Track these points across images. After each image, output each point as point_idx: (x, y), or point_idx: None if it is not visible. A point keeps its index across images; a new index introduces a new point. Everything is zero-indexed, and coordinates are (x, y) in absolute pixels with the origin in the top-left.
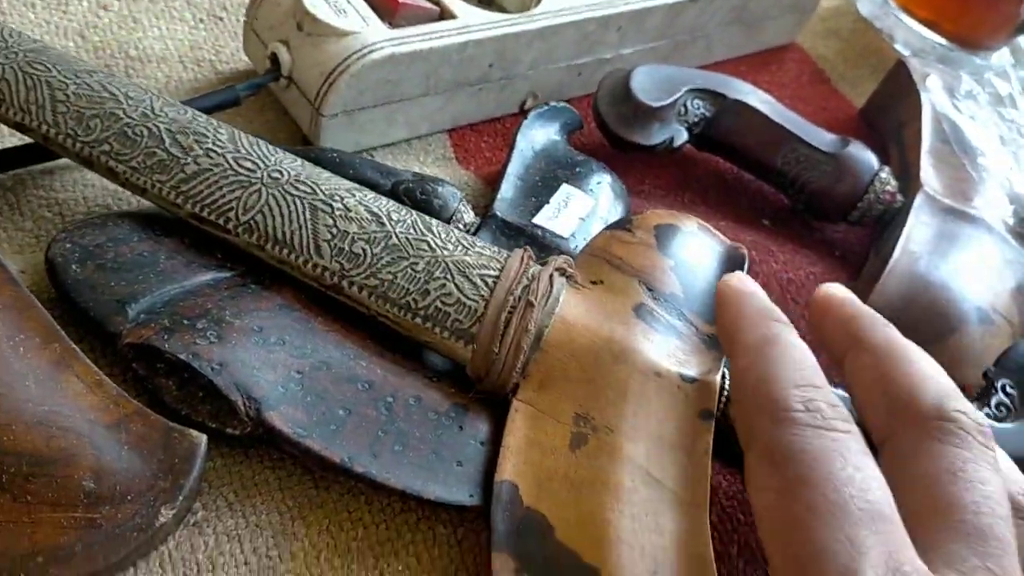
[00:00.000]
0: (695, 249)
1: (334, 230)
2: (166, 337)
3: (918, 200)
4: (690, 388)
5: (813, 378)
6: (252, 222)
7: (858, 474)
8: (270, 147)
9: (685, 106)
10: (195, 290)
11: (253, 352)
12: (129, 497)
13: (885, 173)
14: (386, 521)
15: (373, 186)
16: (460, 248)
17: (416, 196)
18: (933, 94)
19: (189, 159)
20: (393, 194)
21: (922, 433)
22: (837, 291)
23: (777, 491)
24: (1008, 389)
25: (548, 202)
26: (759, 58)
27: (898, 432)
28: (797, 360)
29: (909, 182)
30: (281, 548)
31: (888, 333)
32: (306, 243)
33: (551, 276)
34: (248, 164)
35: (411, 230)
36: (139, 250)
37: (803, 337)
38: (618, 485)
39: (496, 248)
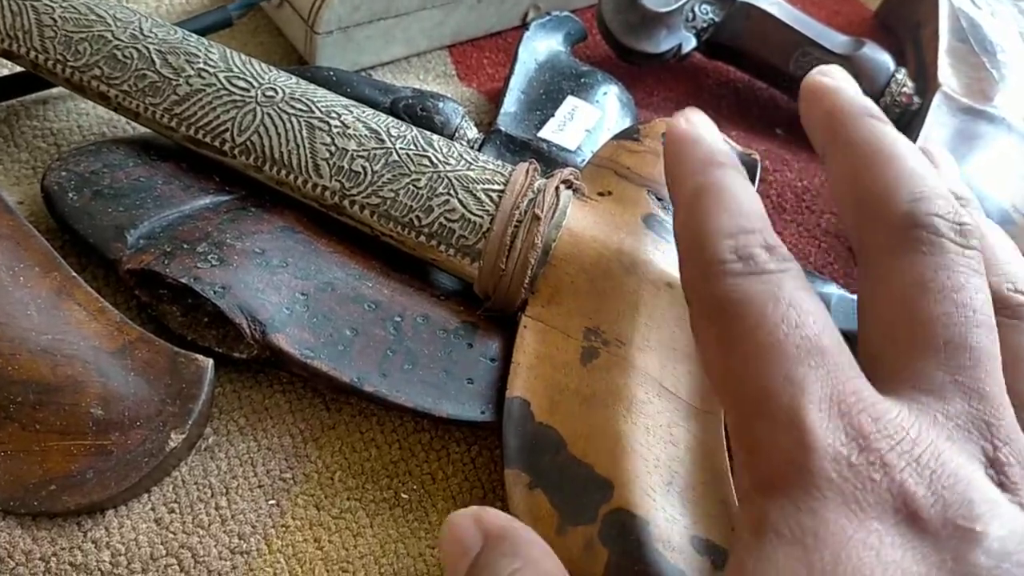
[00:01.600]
0: None
1: (332, 148)
2: (167, 262)
3: (936, 100)
4: None
5: (745, 223)
6: (248, 143)
7: (792, 311)
8: (263, 65)
9: (693, 11)
10: (194, 214)
11: (256, 274)
12: (138, 423)
13: (901, 74)
14: (399, 441)
15: (372, 104)
16: (463, 163)
17: (416, 113)
18: None
19: (181, 80)
20: (392, 111)
21: (892, 243)
22: (824, 79)
23: (716, 344)
24: None
25: (553, 115)
26: None
27: (868, 243)
28: (729, 205)
29: (926, 83)
30: (295, 470)
31: (871, 127)
32: (304, 162)
33: (557, 188)
34: (241, 83)
35: (412, 146)
36: (135, 175)
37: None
38: (631, 398)
39: (500, 162)
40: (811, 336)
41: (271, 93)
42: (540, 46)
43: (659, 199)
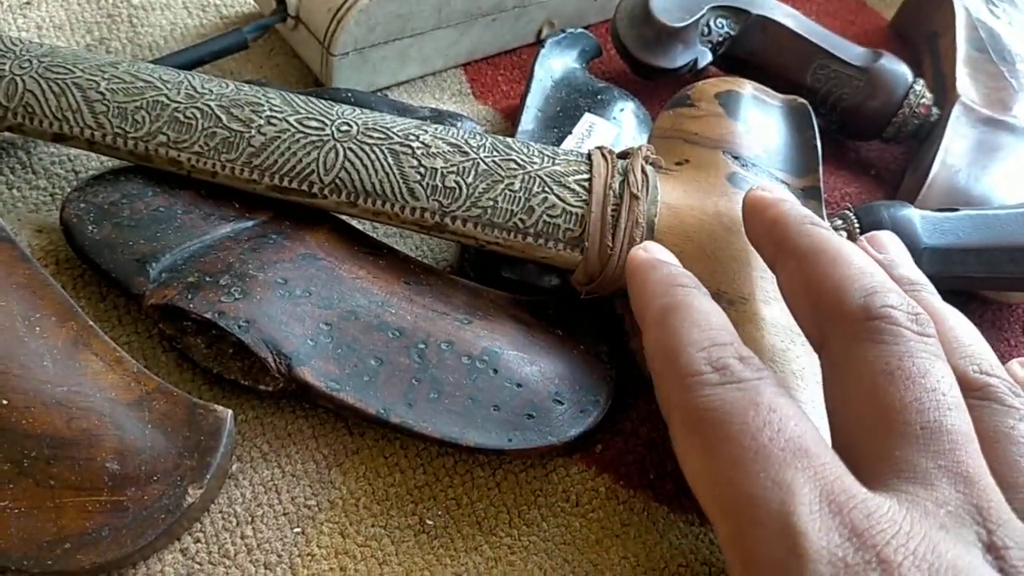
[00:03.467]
0: (761, 110)
1: (422, 170)
2: (190, 296)
3: (955, 112)
4: None
5: (717, 336)
6: (337, 181)
7: (773, 416)
8: (323, 101)
9: (708, 25)
10: (216, 244)
11: (279, 306)
12: (155, 477)
13: (920, 86)
14: (423, 466)
15: None
16: (546, 159)
17: None
18: (967, 1)
19: (252, 131)
20: None
21: (852, 337)
22: (764, 193)
23: (700, 454)
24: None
25: (571, 132)
26: None
27: (829, 339)
28: (698, 322)
29: (945, 94)
30: (319, 497)
31: (812, 234)
32: (398, 189)
33: (642, 167)
34: (313, 123)
35: (494, 152)
36: (155, 205)
37: None
38: (772, 348)
39: (574, 151)
40: (795, 438)
41: (345, 128)
42: (555, 64)
43: (736, 157)
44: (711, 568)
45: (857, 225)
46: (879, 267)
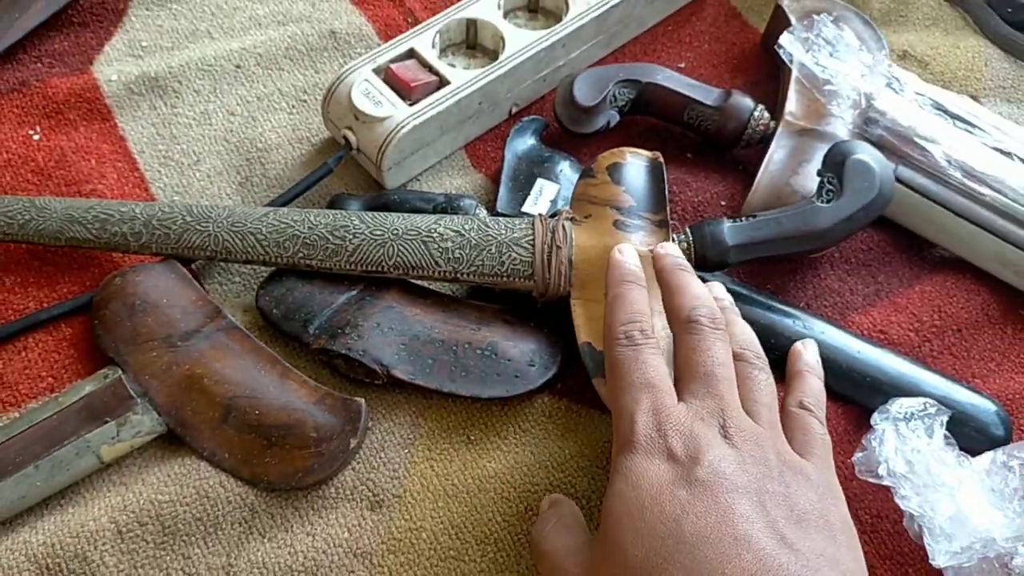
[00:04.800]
0: (634, 171)
1: (440, 250)
2: (333, 342)
3: (779, 129)
4: None
5: (634, 316)
6: (396, 262)
7: (643, 364)
8: (376, 215)
9: (615, 95)
10: (339, 308)
11: (379, 339)
12: (333, 437)
13: (759, 111)
14: (464, 411)
15: (420, 210)
16: (508, 230)
17: (447, 210)
18: (791, 43)
19: (347, 243)
20: (434, 211)
21: (683, 331)
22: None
23: (610, 378)
24: (831, 180)
25: (529, 194)
26: (684, 11)
27: (677, 332)
28: (626, 306)
29: (781, 108)
30: (411, 434)
31: (675, 274)
32: (429, 263)
33: (563, 224)
34: (379, 232)
35: (478, 232)
36: (303, 291)
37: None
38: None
39: (523, 221)
40: (649, 377)
41: (396, 232)
42: (518, 144)
43: (617, 208)
44: None
45: (692, 238)
46: (705, 289)
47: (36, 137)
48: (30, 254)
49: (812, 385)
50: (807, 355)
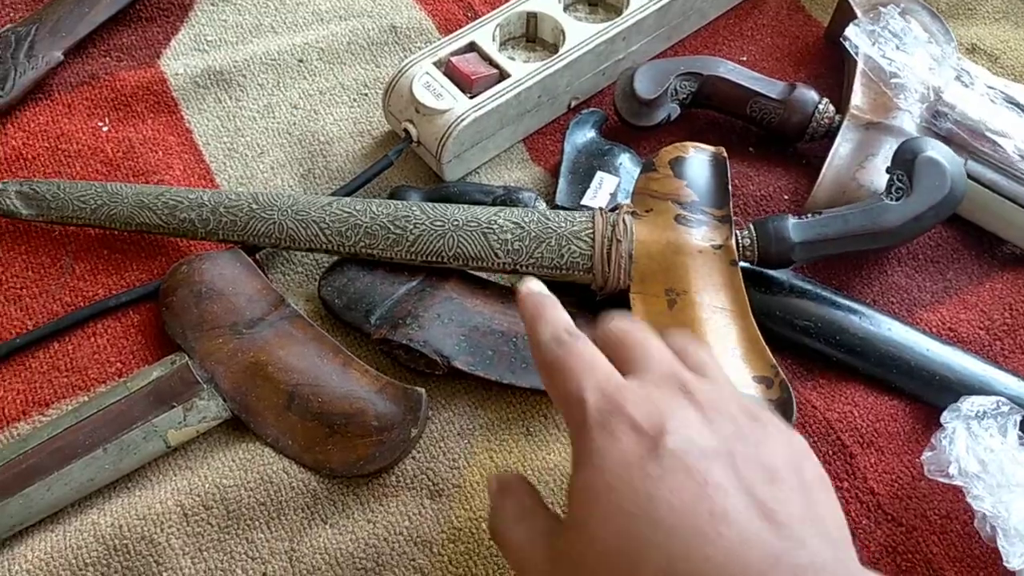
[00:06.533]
0: (696, 165)
1: (500, 241)
2: (394, 332)
3: (845, 123)
4: (720, 251)
5: (557, 322)
6: (456, 254)
7: (580, 354)
8: (436, 206)
9: (675, 89)
10: (400, 299)
11: (439, 329)
12: (394, 426)
13: (823, 105)
14: (523, 402)
15: (479, 202)
16: (567, 223)
17: (507, 202)
18: (857, 35)
19: (408, 233)
20: (493, 203)
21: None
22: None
23: (548, 387)
24: (900, 178)
25: (589, 187)
26: (745, 4)
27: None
28: (546, 321)
29: (847, 102)
30: (472, 423)
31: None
32: (489, 254)
33: (624, 218)
34: (439, 223)
35: (538, 224)
36: (365, 282)
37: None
38: (701, 319)
39: (583, 214)
40: (588, 360)
41: (455, 223)
42: (578, 137)
43: (679, 203)
44: None
45: (755, 234)
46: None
47: (105, 129)
48: (99, 242)
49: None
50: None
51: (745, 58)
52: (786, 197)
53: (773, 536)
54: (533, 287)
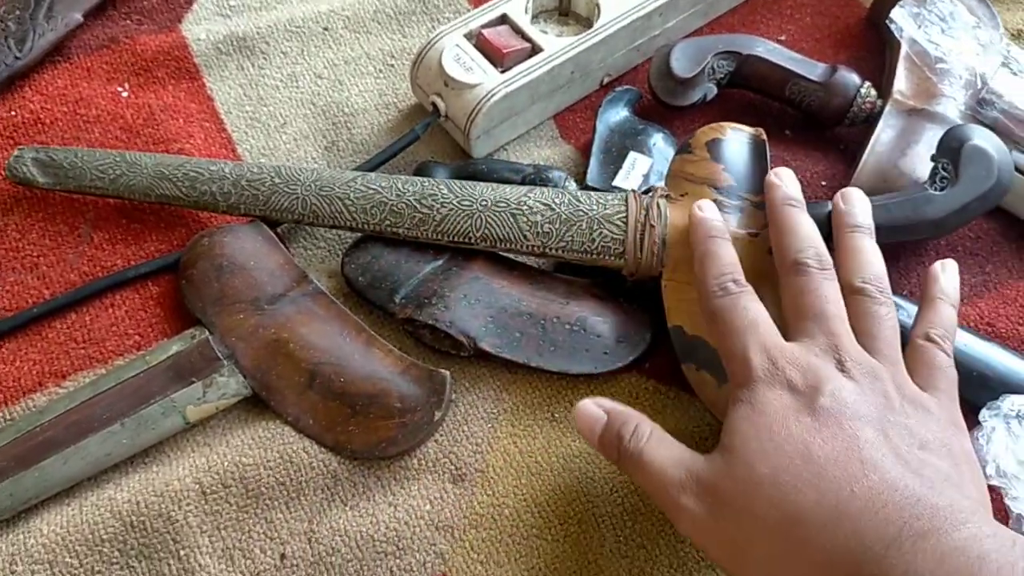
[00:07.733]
0: (735, 148)
1: (530, 223)
2: (419, 312)
3: (888, 106)
4: (757, 239)
5: (724, 268)
6: (484, 234)
7: (743, 309)
8: (464, 184)
9: (713, 68)
10: (425, 278)
11: (465, 310)
12: (417, 408)
13: (865, 88)
14: (550, 387)
15: (508, 180)
16: (600, 205)
17: (537, 181)
18: (903, 18)
19: (434, 212)
20: (523, 182)
21: (789, 272)
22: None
23: (715, 329)
24: (945, 167)
25: (621, 167)
26: None
27: (783, 274)
28: (716, 260)
29: (889, 87)
30: (496, 407)
31: (785, 211)
32: (518, 236)
33: (658, 202)
34: (467, 202)
35: (569, 206)
36: (389, 260)
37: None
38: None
39: (617, 196)
40: (752, 319)
41: (484, 203)
42: (610, 116)
43: (715, 187)
44: (711, 427)
45: None
46: (812, 230)
47: (125, 94)
48: (118, 212)
49: (943, 315)
50: (944, 280)
51: (783, 37)
52: (823, 183)
53: (916, 483)
54: (712, 217)
